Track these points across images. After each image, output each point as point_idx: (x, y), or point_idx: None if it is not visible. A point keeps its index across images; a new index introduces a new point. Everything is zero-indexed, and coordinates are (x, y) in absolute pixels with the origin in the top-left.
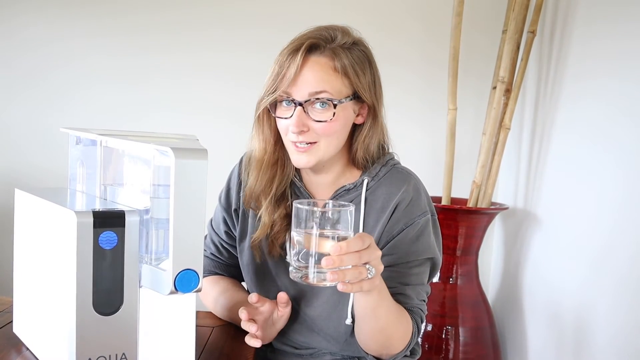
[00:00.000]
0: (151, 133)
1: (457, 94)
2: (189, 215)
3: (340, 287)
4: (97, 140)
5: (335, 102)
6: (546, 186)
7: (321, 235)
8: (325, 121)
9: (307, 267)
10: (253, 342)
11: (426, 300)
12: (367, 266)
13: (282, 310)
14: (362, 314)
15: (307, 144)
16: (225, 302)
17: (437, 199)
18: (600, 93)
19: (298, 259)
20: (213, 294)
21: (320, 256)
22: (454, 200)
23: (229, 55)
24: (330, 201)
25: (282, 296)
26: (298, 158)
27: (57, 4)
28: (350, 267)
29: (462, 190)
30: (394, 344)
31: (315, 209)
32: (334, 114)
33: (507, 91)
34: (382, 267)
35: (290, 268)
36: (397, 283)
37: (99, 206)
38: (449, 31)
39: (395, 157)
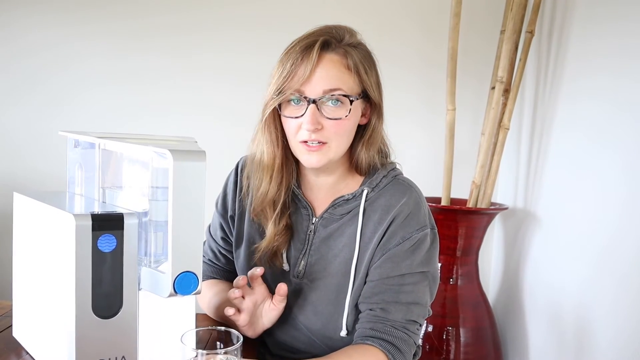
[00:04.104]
0: (149, 135)
1: (455, 95)
2: (188, 218)
3: None
4: (95, 143)
5: (352, 99)
6: (546, 186)
7: None
8: (339, 118)
9: None
10: (230, 311)
11: (419, 321)
12: None
13: (275, 305)
14: None
15: (318, 143)
16: (219, 302)
17: (437, 200)
18: (598, 92)
19: None
20: (208, 295)
21: None
22: (453, 201)
23: (227, 57)
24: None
25: (282, 288)
26: (308, 158)
27: (55, 9)
28: None
29: (461, 190)
30: None
31: None
32: (350, 110)
33: (506, 91)
34: None
35: None
36: (383, 298)
37: (97, 209)
38: (447, 32)
39: (398, 167)
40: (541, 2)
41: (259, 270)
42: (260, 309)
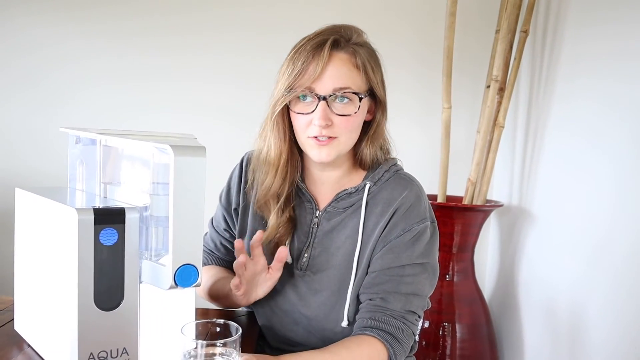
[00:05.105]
0: (150, 132)
1: (451, 93)
2: (188, 212)
3: None
4: (96, 139)
5: (361, 96)
6: (540, 183)
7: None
8: (349, 115)
9: None
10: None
11: (417, 312)
12: None
13: (272, 272)
14: None
15: (328, 137)
16: (212, 282)
17: (433, 197)
18: (592, 91)
19: None
20: (204, 278)
21: None
22: (449, 198)
23: (226, 57)
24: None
25: (282, 252)
26: (319, 152)
27: (55, 7)
28: None
29: (457, 187)
30: None
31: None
32: (359, 107)
33: (501, 90)
34: None
35: None
36: (383, 288)
37: (99, 204)
38: (442, 31)
39: (399, 163)
40: (535, 2)
41: (258, 234)
42: (257, 279)
